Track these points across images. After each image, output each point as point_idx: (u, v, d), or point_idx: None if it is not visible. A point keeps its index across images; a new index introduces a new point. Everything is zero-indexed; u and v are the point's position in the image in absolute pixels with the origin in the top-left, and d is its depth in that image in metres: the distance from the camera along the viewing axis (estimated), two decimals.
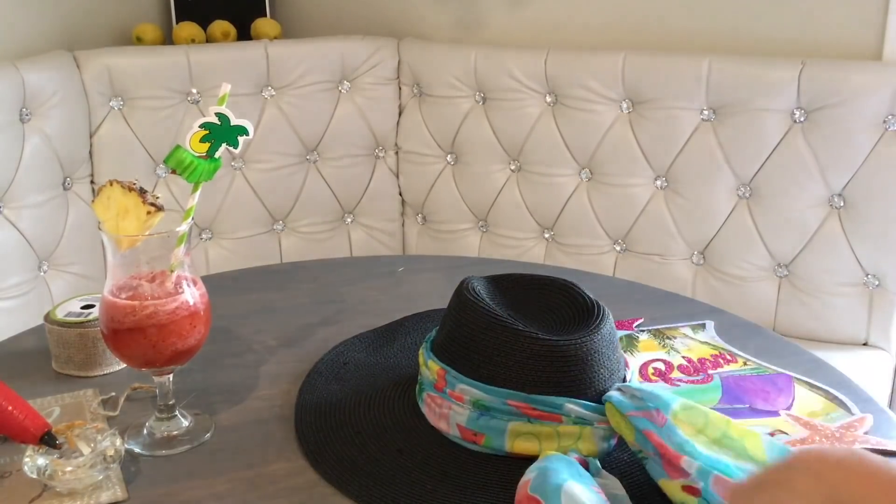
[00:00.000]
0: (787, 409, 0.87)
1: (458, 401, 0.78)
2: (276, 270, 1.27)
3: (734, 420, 0.76)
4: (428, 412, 0.82)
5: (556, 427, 0.75)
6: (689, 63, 1.57)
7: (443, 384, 0.80)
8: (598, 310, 0.80)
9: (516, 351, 0.75)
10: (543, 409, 0.75)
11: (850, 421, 0.84)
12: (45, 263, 1.61)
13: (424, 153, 1.84)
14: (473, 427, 0.78)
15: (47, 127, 1.58)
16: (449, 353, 0.80)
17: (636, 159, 1.64)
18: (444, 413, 0.80)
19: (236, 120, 0.79)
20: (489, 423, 0.77)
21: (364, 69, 1.82)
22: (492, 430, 0.77)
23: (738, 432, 0.73)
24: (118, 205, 0.76)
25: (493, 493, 0.73)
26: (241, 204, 1.81)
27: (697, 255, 1.64)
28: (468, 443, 0.79)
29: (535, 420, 0.76)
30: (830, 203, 1.51)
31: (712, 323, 1.06)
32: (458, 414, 0.78)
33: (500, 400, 0.76)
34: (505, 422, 0.76)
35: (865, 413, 0.85)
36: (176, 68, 1.72)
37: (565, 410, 0.75)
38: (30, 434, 0.74)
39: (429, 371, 0.82)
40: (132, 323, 0.76)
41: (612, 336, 0.79)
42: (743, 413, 0.86)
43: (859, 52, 1.53)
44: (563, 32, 1.80)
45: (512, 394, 0.76)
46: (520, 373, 0.75)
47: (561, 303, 0.83)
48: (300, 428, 0.83)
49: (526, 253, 1.78)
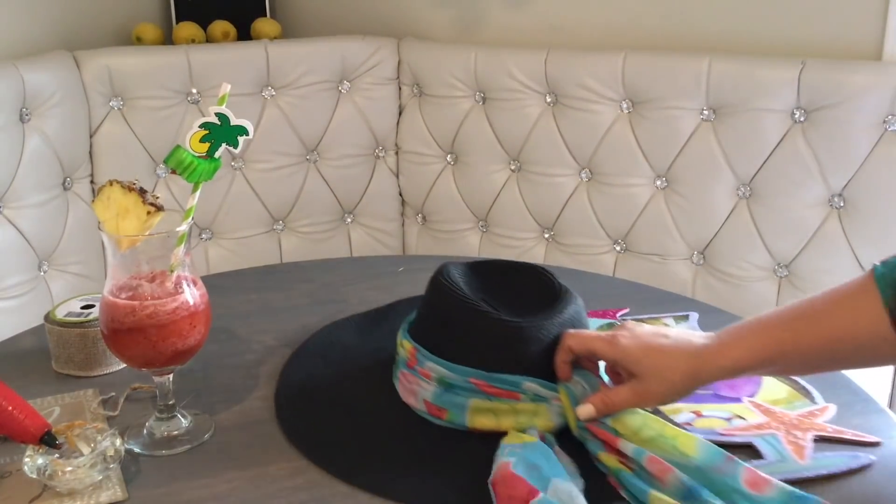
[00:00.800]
0: (751, 396, 0.89)
1: (425, 378, 0.83)
2: (276, 270, 1.27)
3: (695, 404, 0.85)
4: (401, 388, 0.87)
5: (514, 404, 0.80)
6: (689, 63, 1.57)
7: (414, 362, 0.84)
8: (564, 295, 0.84)
9: (479, 331, 0.80)
10: (502, 387, 0.80)
11: (810, 409, 0.86)
12: (45, 263, 1.61)
13: (424, 153, 1.84)
14: (438, 402, 0.82)
15: (47, 127, 1.58)
16: (420, 332, 0.85)
17: (636, 159, 1.64)
18: (413, 389, 0.85)
19: (236, 120, 0.79)
20: (452, 400, 0.81)
21: (364, 69, 1.82)
22: (454, 405, 0.81)
23: (671, 432, 0.78)
24: (118, 205, 0.76)
25: (448, 463, 0.77)
26: (241, 204, 1.81)
27: (697, 255, 1.64)
28: (434, 417, 0.83)
29: (494, 397, 0.80)
30: (830, 203, 1.51)
31: (696, 315, 1.08)
32: (425, 390, 0.83)
33: (462, 378, 0.81)
34: (466, 398, 0.81)
35: (829, 403, 0.88)
36: (176, 68, 1.72)
37: (523, 388, 0.79)
38: (30, 434, 0.75)
39: (403, 350, 0.87)
40: (132, 323, 0.76)
41: (575, 321, 0.83)
42: (707, 398, 0.89)
43: (859, 52, 1.53)
44: (563, 32, 1.80)
45: (473, 372, 0.80)
46: (482, 352, 0.80)
47: (532, 288, 0.88)
48: (279, 400, 0.88)
49: (526, 253, 1.78)
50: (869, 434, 0.82)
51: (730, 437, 0.81)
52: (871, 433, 0.82)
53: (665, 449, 0.76)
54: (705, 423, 0.84)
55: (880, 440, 0.81)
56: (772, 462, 0.77)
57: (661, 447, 0.76)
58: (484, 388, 0.80)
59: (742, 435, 0.82)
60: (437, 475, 0.76)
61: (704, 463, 0.74)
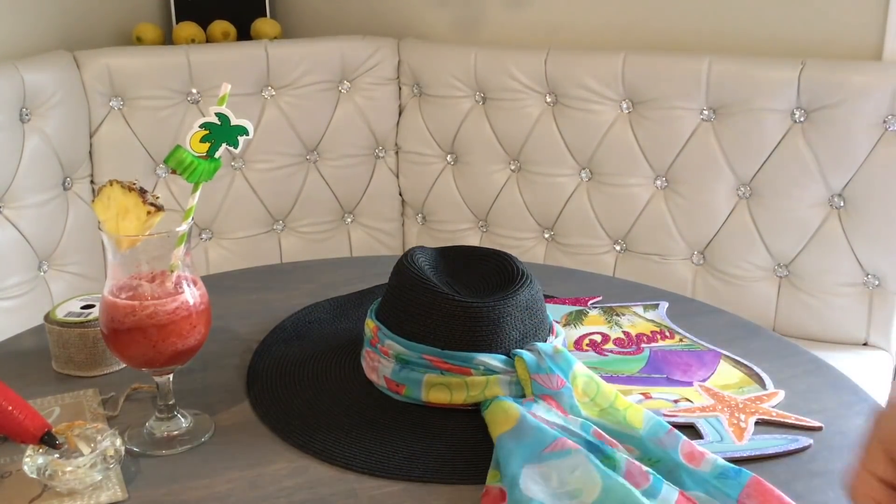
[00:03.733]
0: (703, 381, 0.92)
1: (385, 355, 0.87)
2: (276, 270, 1.27)
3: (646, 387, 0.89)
4: (365, 366, 0.91)
5: (465, 379, 0.84)
6: (689, 63, 1.57)
7: (376, 340, 0.89)
8: (521, 279, 0.88)
9: (434, 310, 0.85)
10: (455, 362, 0.84)
11: (758, 395, 0.89)
12: (45, 263, 1.61)
13: (424, 153, 1.84)
14: (396, 378, 0.86)
15: (47, 127, 1.58)
16: (383, 312, 0.90)
17: (636, 159, 1.64)
18: (374, 366, 0.89)
19: (236, 120, 0.79)
20: (409, 375, 0.86)
21: (364, 69, 1.82)
22: (411, 381, 0.85)
23: (622, 404, 0.82)
24: (118, 205, 0.76)
25: (400, 433, 0.82)
26: (241, 204, 1.81)
27: (697, 255, 1.64)
28: (393, 393, 0.87)
29: (447, 372, 0.84)
30: (830, 203, 1.51)
31: (665, 304, 1.10)
32: (385, 367, 0.87)
33: (417, 354, 0.85)
34: (421, 374, 0.85)
35: (778, 389, 0.90)
36: (176, 68, 1.72)
37: (474, 363, 0.84)
38: (30, 434, 0.74)
39: (367, 329, 0.91)
40: (132, 323, 0.76)
41: (530, 303, 0.87)
42: (659, 382, 0.92)
43: (859, 52, 1.53)
44: (563, 32, 1.80)
45: (427, 349, 0.84)
46: (436, 330, 0.85)
47: (493, 271, 0.92)
48: (251, 374, 0.93)
49: (526, 253, 1.78)
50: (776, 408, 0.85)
51: (673, 418, 0.83)
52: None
53: (616, 419, 0.81)
54: (653, 404, 0.86)
55: (822, 425, 0.83)
56: (710, 442, 0.80)
57: (612, 417, 0.81)
58: (438, 363, 0.84)
59: (685, 416, 0.84)
60: (385, 444, 0.81)
61: (648, 435, 0.78)
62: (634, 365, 0.95)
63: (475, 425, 0.83)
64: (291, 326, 1.03)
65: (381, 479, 0.77)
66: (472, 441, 0.81)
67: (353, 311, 1.07)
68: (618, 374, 0.93)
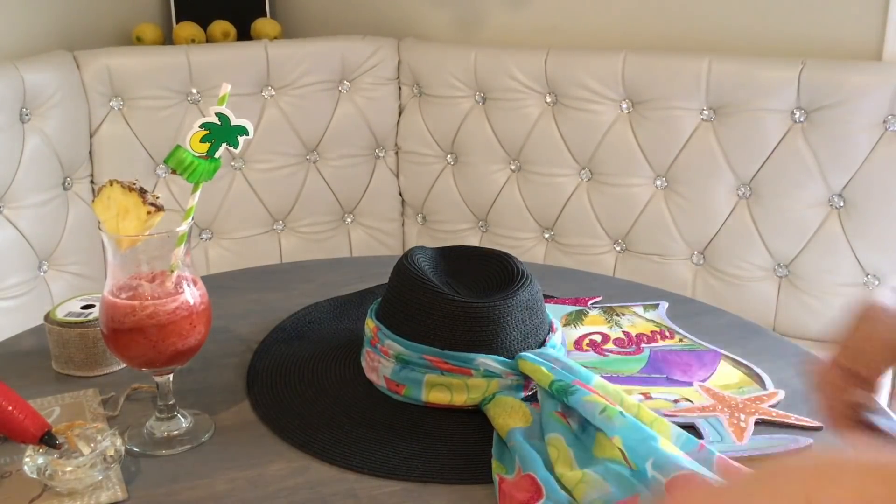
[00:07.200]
0: (703, 381, 0.92)
1: (385, 355, 0.87)
2: (276, 270, 1.27)
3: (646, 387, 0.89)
4: (365, 366, 0.91)
5: (466, 380, 0.84)
6: (689, 63, 1.57)
7: (376, 340, 0.88)
8: (521, 279, 0.88)
9: (434, 310, 0.85)
10: (455, 363, 0.84)
11: (758, 395, 0.89)
12: (45, 263, 1.61)
13: (424, 153, 1.84)
14: (396, 378, 0.86)
15: (47, 127, 1.58)
16: (383, 312, 0.90)
17: (636, 159, 1.64)
18: (374, 366, 0.89)
19: (236, 120, 0.79)
20: (409, 375, 0.85)
21: (364, 69, 1.82)
22: (411, 381, 0.85)
23: (647, 417, 0.80)
24: (118, 205, 0.76)
25: (400, 433, 0.82)
26: (241, 204, 1.81)
27: (697, 255, 1.64)
28: (393, 393, 0.87)
29: (448, 373, 0.84)
30: (830, 203, 1.51)
31: (665, 304, 1.10)
32: (385, 367, 0.87)
33: (417, 354, 0.85)
34: (422, 374, 0.85)
35: (778, 389, 0.90)
36: (176, 68, 1.72)
37: (475, 364, 0.83)
38: (30, 434, 0.74)
39: (367, 329, 0.91)
40: (132, 323, 0.76)
41: (530, 303, 0.87)
42: (659, 382, 0.92)
43: (859, 52, 1.53)
44: (563, 32, 1.80)
45: (428, 349, 0.84)
46: (436, 330, 0.84)
47: (493, 271, 0.92)
48: (251, 374, 0.93)
49: (526, 253, 1.78)
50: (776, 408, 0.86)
51: (674, 418, 0.83)
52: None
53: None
54: (653, 404, 0.86)
55: (822, 425, 0.83)
56: (711, 442, 0.80)
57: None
58: (438, 364, 0.84)
59: (685, 416, 0.84)
60: (385, 444, 0.81)
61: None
62: (634, 365, 0.95)
63: (475, 425, 0.83)
64: (291, 326, 1.03)
65: (380, 479, 0.77)
66: (472, 441, 0.81)
67: (352, 311, 1.08)
68: (618, 374, 0.93)
